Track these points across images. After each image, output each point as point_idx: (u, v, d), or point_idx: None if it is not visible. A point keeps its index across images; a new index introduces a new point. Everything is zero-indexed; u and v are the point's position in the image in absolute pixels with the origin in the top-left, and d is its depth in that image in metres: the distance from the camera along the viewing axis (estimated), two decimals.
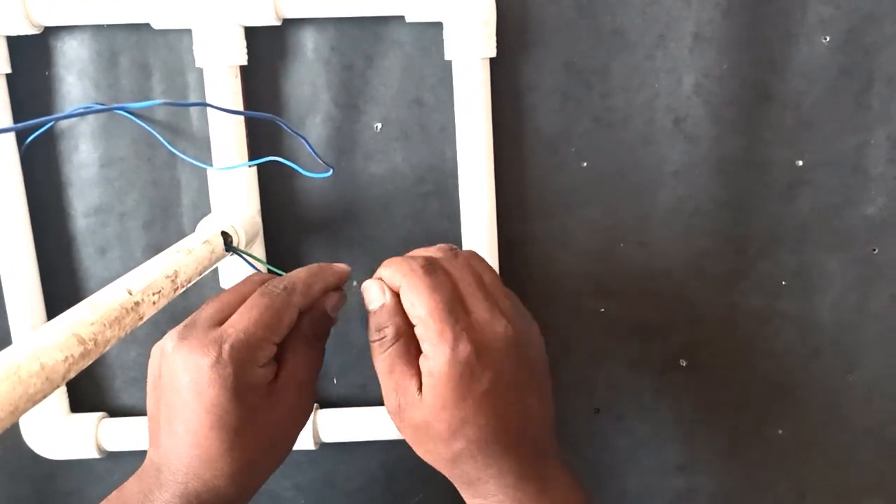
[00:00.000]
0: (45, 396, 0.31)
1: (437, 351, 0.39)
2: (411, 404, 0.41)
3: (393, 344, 0.41)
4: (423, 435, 0.41)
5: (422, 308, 0.40)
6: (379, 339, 0.42)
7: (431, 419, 0.40)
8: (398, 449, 0.61)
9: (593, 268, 0.59)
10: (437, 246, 0.45)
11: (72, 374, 0.33)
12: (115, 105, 0.37)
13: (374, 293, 0.43)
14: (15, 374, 0.29)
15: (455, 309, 0.40)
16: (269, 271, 0.52)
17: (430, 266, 0.42)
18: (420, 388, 0.40)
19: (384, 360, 0.42)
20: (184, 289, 0.44)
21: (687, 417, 0.61)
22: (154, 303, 0.40)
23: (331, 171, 0.52)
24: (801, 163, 0.57)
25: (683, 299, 0.59)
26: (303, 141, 0.52)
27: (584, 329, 0.60)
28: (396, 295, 0.42)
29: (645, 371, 0.61)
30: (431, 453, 0.42)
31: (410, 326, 0.42)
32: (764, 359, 0.60)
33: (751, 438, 0.62)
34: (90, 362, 0.35)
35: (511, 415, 0.41)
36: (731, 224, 0.58)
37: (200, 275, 0.46)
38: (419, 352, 0.41)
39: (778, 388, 0.61)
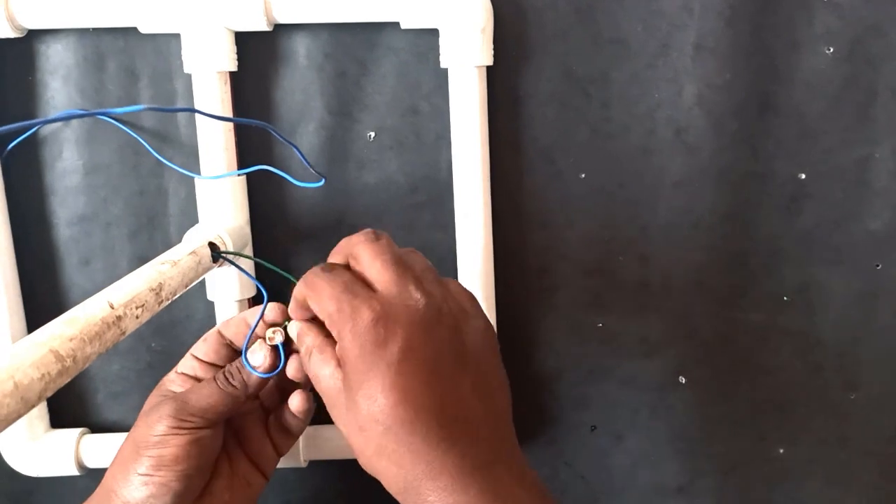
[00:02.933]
0: (19, 417, 0.30)
1: (340, 330, 0.39)
2: (338, 402, 0.40)
3: (313, 349, 0.41)
4: (354, 436, 0.39)
5: (322, 302, 0.40)
6: (307, 355, 0.42)
7: (353, 412, 0.38)
8: None
9: (591, 281, 0.58)
10: (362, 231, 0.43)
11: (48, 394, 0.31)
12: (99, 110, 0.36)
13: (293, 326, 0.44)
14: None
15: (353, 288, 0.39)
16: (257, 270, 0.51)
17: (329, 265, 0.42)
18: (343, 381, 0.39)
19: (312, 371, 0.41)
20: (168, 301, 0.42)
21: (686, 435, 0.60)
22: (137, 317, 0.39)
23: (322, 180, 0.50)
24: (803, 176, 0.56)
25: (683, 314, 0.58)
26: (294, 150, 0.51)
27: (580, 344, 0.59)
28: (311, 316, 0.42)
29: (643, 387, 0.59)
30: (362, 456, 0.39)
31: (328, 334, 0.41)
32: (765, 376, 0.59)
33: (751, 457, 0.61)
34: (68, 380, 0.33)
35: (432, 397, 0.38)
36: (732, 238, 0.57)
37: (186, 287, 0.45)
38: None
39: (779, 405, 0.60)
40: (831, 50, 0.54)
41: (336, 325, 0.39)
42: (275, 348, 0.45)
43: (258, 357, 0.45)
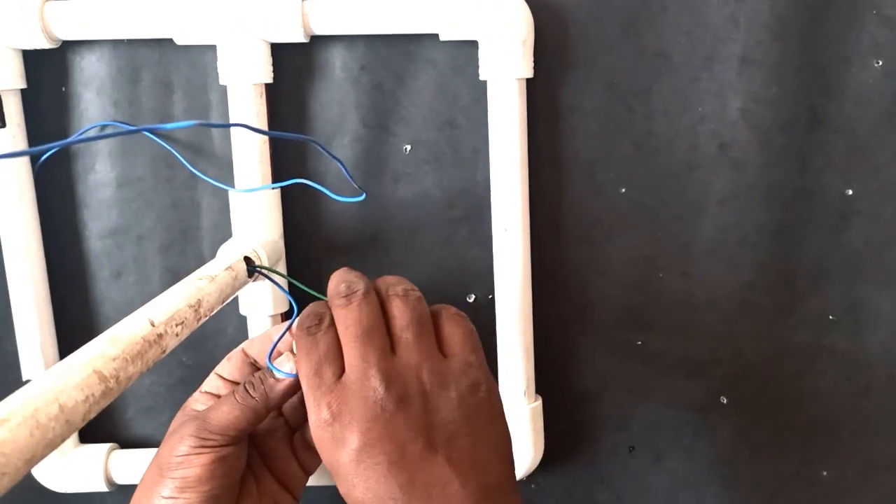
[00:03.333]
0: (63, 441, 0.29)
1: (309, 416, 0.40)
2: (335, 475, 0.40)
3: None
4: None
5: (300, 371, 0.41)
6: None
7: (340, 488, 0.39)
8: None
9: (631, 298, 0.56)
10: (354, 275, 0.43)
11: (92, 416, 0.31)
12: (144, 126, 0.35)
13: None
14: (32, 419, 0.27)
15: (322, 370, 0.40)
16: (290, 285, 0.50)
17: (315, 324, 0.41)
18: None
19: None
20: (206, 318, 0.41)
21: (728, 458, 0.59)
22: (177, 334, 0.38)
23: (363, 195, 0.49)
24: (850, 192, 0.54)
25: (726, 333, 0.57)
26: (339, 164, 0.50)
27: (620, 362, 0.57)
28: None
29: (684, 408, 0.58)
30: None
31: None
32: (810, 397, 0.58)
33: (795, 481, 0.59)
34: (110, 401, 0.32)
35: (395, 487, 0.37)
36: (777, 255, 0.55)
37: (223, 303, 0.44)
38: None
39: (824, 427, 0.58)
40: (880, 63, 0.53)
41: (307, 409, 0.40)
42: None
43: (284, 367, 0.44)
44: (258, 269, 0.48)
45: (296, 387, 0.45)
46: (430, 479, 0.37)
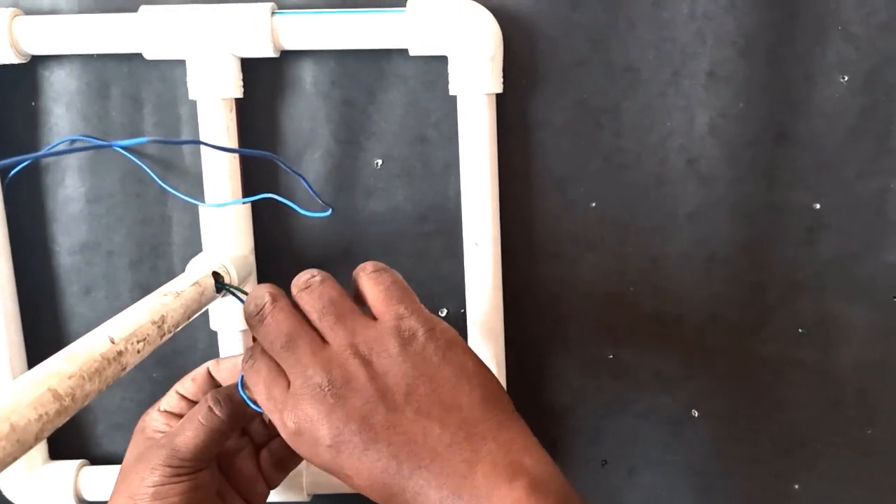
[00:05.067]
0: (14, 460, 0.28)
1: (283, 435, 0.39)
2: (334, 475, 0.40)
3: None
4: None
5: (260, 400, 0.41)
6: None
7: (346, 484, 0.39)
8: None
9: (602, 312, 0.56)
10: (261, 289, 0.42)
11: (46, 434, 0.30)
12: (102, 142, 0.35)
13: None
14: None
15: (272, 393, 0.40)
16: None
17: (251, 355, 0.42)
18: None
19: None
20: (171, 334, 0.41)
21: (700, 471, 0.59)
22: (139, 351, 0.38)
23: (329, 210, 0.49)
24: (818, 206, 0.55)
25: (697, 347, 0.57)
26: (302, 180, 0.50)
27: (592, 376, 0.57)
28: None
29: (656, 421, 0.58)
30: None
31: None
32: (781, 410, 0.58)
33: (766, 493, 0.59)
34: (66, 419, 0.32)
35: (386, 462, 0.37)
36: (746, 269, 0.56)
37: (189, 319, 0.43)
38: None
39: (796, 441, 0.58)
40: (846, 79, 0.53)
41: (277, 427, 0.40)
42: None
43: None
44: (227, 287, 0.47)
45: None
46: (408, 438, 0.37)
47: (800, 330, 0.57)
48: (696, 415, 0.58)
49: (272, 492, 0.54)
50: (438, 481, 0.36)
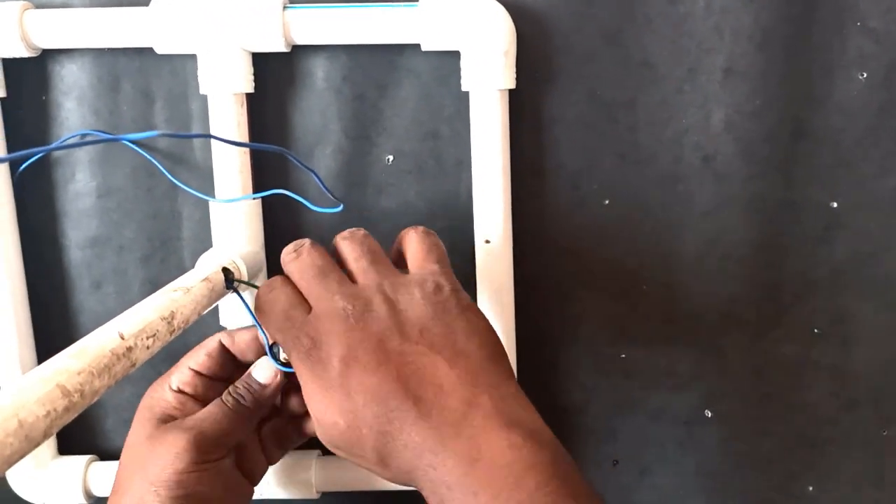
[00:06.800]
0: (22, 457, 0.28)
1: (292, 360, 0.40)
2: (317, 426, 0.40)
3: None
4: (348, 452, 0.39)
5: (270, 329, 0.42)
6: None
7: (330, 429, 0.39)
8: (402, 499, 0.58)
9: (615, 311, 0.56)
10: (293, 243, 0.44)
11: (54, 431, 0.30)
12: (112, 135, 0.35)
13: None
14: None
15: (290, 315, 0.41)
16: None
17: (269, 285, 0.43)
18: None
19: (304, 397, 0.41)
20: (181, 330, 0.41)
21: (713, 472, 0.58)
22: (148, 347, 0.37)
23: (341, 206, 0.49)
24: (835, 205, 0.54)
25: (710, 346, 0.56)
26: (314, 176, 0.49)
27: (603, 375, 0.57)
28: None
29: (668, 421, 0.57)
30: (370, 466, 0.39)
31: None
32: (795, 411, 0.57)
33: (780, 495, 0.58)
34: (75, 416, 0.32)
35: (393, 386, 0.38)
36: (762, 268, 0.55)
37: (199, 315, 0.43)
38: None
39: (810, 442, 0.57)
40: (865, 75, 0.52)
41: (289, 357, 0.41)
42: None
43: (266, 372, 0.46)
44: (237, 283, 0.47)
45: (281, 386, 0.46)
46: (417, 367, 0.38)
47: (815, 330, 0.56)
48: (710, 415, 0.57)
49: (282, 489, 0.55)
50: (440, 415, 0.37)
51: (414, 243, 0.44)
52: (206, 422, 0.44)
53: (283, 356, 0.46)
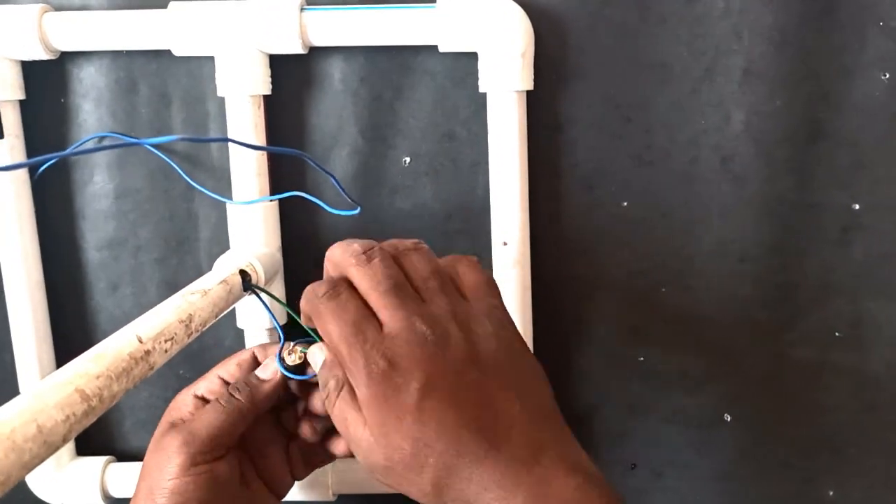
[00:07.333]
0: (41, 462, 0.28)
1: (356, 377, 0.37)
2: (368, 448, 0.37)
3: (338, 394, 0.39)
4: (399, 477, 0.37)
5: (332, 339, 0.38)
6: (326, 396, 0.39)
7: (389, 453, 0.37)
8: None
9: (632, 313, 0.56)
10: (359, 243, 0.41)
11: (73, 436, 0.30)
12: (131, 139, 0.35)
13: (316, 355, 0.42)
14: (9, 440, 0.26)
15: (362, 327, 0.38)
16: (289, 315, 0.49)
17: (334, 289, 0.39)
18: (368, 426, 0.37)
19: (336, 415, 0.39)
20: (198, 333, 0.41)
21: (730, 475, 0.58)
22: (166, 350, 0.37)
23: (358, 209, 0.49)
24: (857, 206, 0.54)
25: (728, 349, 0.56)
26: (331, 178, 0.49)
27: (620, 378, 0.57)
28: None
29: (686, 425, 0.57)
30: (418, 494, 0.38)
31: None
32: (814, 414, 0.57)
33: (799, 500, 0.58)
34: (94, 420, 0.32)
35: (468, 419, 0.37)
36: (780, 270, 0.55)
37: (217, 317, 0.43)
38: None
39: (829, 445, 0.57)
40: (887, 76, 0.52)
41: (351, 373, 0.38)
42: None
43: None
44: (253, 289, 0.47)
45: (281, 385, 0.45)
46: (492, 402, 0.37)
47: (836, 333, 0.55)
48: (728, 418, 0.57)
49: (298, 491, 0.55)
50: (510, 451, 0.36)
51: (473, 273, 0.42)
52: (197, 422, 0.43)
53: (289, 360, 0.45)
